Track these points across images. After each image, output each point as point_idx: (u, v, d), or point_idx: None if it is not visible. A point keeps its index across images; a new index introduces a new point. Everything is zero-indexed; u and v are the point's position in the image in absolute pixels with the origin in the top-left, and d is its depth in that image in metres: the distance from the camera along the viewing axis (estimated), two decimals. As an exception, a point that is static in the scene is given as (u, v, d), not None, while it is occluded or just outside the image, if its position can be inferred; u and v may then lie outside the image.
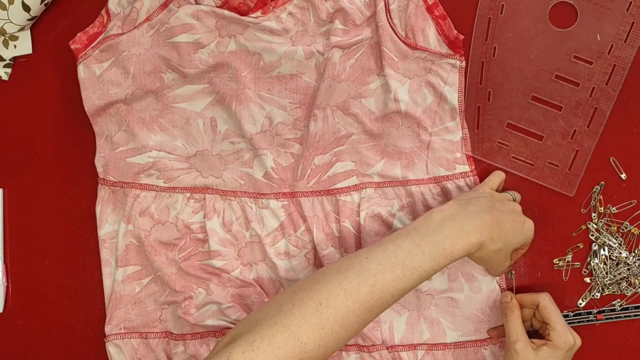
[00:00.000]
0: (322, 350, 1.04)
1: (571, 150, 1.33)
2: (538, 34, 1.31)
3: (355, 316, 1.06)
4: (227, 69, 1.33)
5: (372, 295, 1.07)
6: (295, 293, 1.07)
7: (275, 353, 1.00)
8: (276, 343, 1.00)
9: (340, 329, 1.05)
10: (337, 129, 1.34)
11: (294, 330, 1.02)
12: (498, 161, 1.34)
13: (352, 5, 1.30)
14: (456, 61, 1.32)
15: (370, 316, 1.08)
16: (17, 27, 1.37)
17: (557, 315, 1.25)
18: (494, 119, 1.34)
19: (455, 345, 1.34)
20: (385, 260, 1.09)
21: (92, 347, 1.42)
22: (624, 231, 1.34)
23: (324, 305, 1.05)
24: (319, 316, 1.04)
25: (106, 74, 1.34)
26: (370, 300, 1.07)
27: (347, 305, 1.05)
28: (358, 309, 1.06)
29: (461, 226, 1.14)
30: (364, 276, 1.07)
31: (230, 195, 1.36)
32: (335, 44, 1.30)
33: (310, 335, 1.02)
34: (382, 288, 1.07)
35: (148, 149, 1.36)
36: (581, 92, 1.31)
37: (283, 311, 1.04)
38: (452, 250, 1.11)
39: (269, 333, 1.01)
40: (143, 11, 1.32)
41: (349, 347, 1.35)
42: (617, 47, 1.30)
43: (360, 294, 1.06)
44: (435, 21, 1.31)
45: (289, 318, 1.03)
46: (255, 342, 1.00)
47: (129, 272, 1.37)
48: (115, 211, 1.38)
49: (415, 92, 1.32)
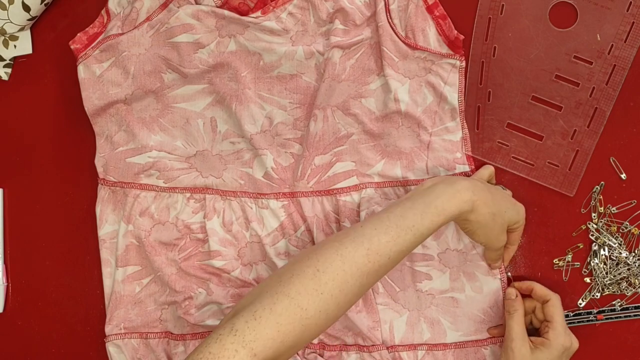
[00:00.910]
0: (323, 315, 1.05)
1: (571, 150, 1.33)
2: (538, 34, 1.31)
3: (354, 280, 1.07)
4: (227, 69, 1.33)
5: (368, 259, 1.08)
6: (293, 264, 1.09)
7: (277, 320, 1.02)
8: (277, 310, 1.02)
9: (339, 294, 1.06)
10: (337, 129, 1.34)
11: (293, 297, 1.04)
12: (498, 161, 1.34)
13: (352, 5, 1.30)
14: (456, 61, 1.32)
15: (368, 280, 1.10)
16: (17, 27, 1.37)
17: (561, 316, 1.25)
18: (494, 119, 1.34)
19: (456, 345, 1.34)
20: (379, 225, 1.11)
21: (92, 347, 1.42)
22: (624, 231, 1.34)
23: (322, 271, 1.06)
24: (317, 282, 1.05)
25: (106, 74, 1.34)
26: (367, 264, 1.08)
27: (344, 269, 1.07)
28: (356, 273, 1.07)
29: (452, 186, 1.16)
30: (359, 241, 1.09)
31: (230, 196, 1.36)
32: (335, 44, 1.30)
33: (310, 301, 1.04)
34: (377, 250, 1.09)
35: (148, 149, 1.36)
36: (581, 92, 1.31)
37: (283, 281, 1.06)
38: (444, 208, 1.13)
39: (269, 302, 1.03)
40: (143, 11, 1.32)
41: (349, 347, 1.35)
42: (617, 47, 1.30)
43: (357, 258, 1.08)
44: (435, 21, 1.31)
45: (288, 286, 1.05)
46: (257, 312, 1.02)
47: (129, 272, 1.37)
48: (115, 211, 1.38)
49: (416, 92, 1.32)
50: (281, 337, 1.02)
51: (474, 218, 1.17)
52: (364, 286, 1.09)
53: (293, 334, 1.03)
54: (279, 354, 1.03)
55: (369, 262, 1.08)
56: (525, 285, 1.31)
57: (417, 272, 1.34)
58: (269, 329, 1.01)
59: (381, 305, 1.35)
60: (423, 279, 1.34)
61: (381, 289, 1.35)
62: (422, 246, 1.34)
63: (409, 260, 1.35)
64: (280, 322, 1.02)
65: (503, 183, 1.34)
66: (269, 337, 1.01)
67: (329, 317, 1.07)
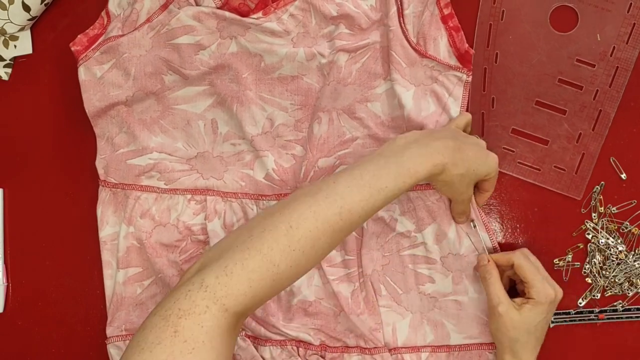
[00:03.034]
0: (294, 270, 1.07)
1: (577, 154, 1.33)
2: (539, 39, 1.31)
3: (325, 237, 1.09)
4: (228, 71, 1.32)
5: (340, 217, 1.09)
6: (265, 218, 1.10)
7: (249, 276, 1.02)
8: (249, 266, 1.03)
9: (311, 250, 1.08)
10: (342, 132, 1.34)
11: (266, 253, 1.04)
12: (504, 167, 1.34)
13: (357, 9, 1.29)
14: (463, 75, 1.31)
15: (339, 237, 1.11)
16: (17, 27, 1.36)
17: (533, 271, 1.25)
18: (499, 125, 1.33)
19: (460, 348, 1.35)
20: (353, 183, 1.12)
21: (92, 348, 1.42)
22: (624, 231, 1.34)
23: (294, 227, 1.07)
24: (290, 238, 1.06)
25: (107, 76, 1.33)
26: (339, 222, 1.09)
27: (317, 226, 1.08)
28: (328, 230, 1.09)
29: (425, 148, 1.16)
30: (332, 198, 1.10)
31: (231, 197, 1.36)
32: (340, 47, 1.30)
33: (282, 257, 1.05)
34: (350, 209, 1.10)
35: (149, 151, 1.36)
36: (585, 95, 1.31)
37: (254, 235, 1.06)
38: (416, 170, 1.14)
39: (241, 257, 1.03)
40: (143, 12, 1.32)
41: (351, 349, 1.35)
42: (619, 49, 1.29)
43: (329, 216, 1.09)
44: (448, 32, 1.31)
45: (260, 242, 1.05)
46: (228, 267, 1.02)
47: (130, 274, 1.37)
48: (116, 213, 1.38)
49: (420, 99, 1.31)
50: (253, 292, 1.02)
51: (442, 179, 1.18)
52: (334, 242, 1.11)
53: (264, 289, 1.04)
54: (249, 308, 1.04)
55: (340, 220, 1.09)
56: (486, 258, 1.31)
57: (420, 275, 1.35)
58: (241, 284, 1.02)
59: (384, 307, 1.35)
60: (426, 282, 1.35)
61: (384, 292, 1.35)
62: (425, 249, 1.34)
63: (411, 263, 1.35)
64: (252, 277, 1.02)
65: (502, 183, 1.34)
66: (241, 293, 1.01)
67: (299, 271, 1.08)
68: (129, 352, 0.97)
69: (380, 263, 1.35)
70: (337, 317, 1.36)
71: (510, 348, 1.25)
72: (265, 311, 1.36)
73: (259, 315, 1.36)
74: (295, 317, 1.36)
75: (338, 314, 1.36)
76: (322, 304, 1.36)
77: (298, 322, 1.36)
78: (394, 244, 1.35)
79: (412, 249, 1.35)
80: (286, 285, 1.08)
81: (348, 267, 1.35)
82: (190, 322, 0.97)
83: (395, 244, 1.35)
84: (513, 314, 1.24)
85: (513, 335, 1.24)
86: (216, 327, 0.98)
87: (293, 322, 1.36)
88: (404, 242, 1.35)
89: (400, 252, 1.35)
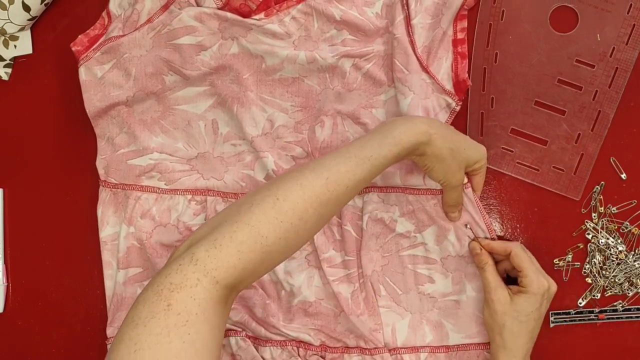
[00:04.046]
0: (283, 243, 1.07)
1: (576, 154, 1.33)
2: (539, 39, 1.31)
3: (313, 209, 1.09)
4: (229, 72, 1.33)
5: (327, 188, 1.10)
6: (253, 195, 1.11)
7: (238, 247, 1.03)
8: (238, 238, 1.04)
9: (299, 222, 1.08)
10: (346, 137, 1.34)
11: (254, 225, 1.05)
12: (503, 167, 1.34)
13: (362, 16, 1.29)
14: (453, 102, 1.31)
15: (327, 209, 1.12)
16: (17, 27, 1.36)
17: (528, 262, 1.26)
18: (498, 125, 1.33)
19: (458, 348, 1.35)
20: (339, 156, 1.14)
21: (92, 348, 1.42)
22: (624, 231, 1.34)
23: (282, 199, 1.08)
24: (277, 210, 1.07)
25: (107, 76, 1.33)
26: (326, 193, 1.10)
27: (304, 198, 1.09)
28: (315, 202, 1.09)
29: (411, 120, 1.19)
30: (318, 170, 1.12)
31: (231, 197, 1.36)
32: (344, 53, 1.30)
33: (270, 229, 1.06)
34: (336, 180, 1.11)
35: (149, 151, 1.36)
36: (584, 95, 1.31)
37: (242, 211, 1.07)
38: (401, 138, 1.15)
39: (230, 230, 1.04)
40: (144, 13, 1.32)
41: (351, 349, 1.35)
42: (618, 49, 1.29)
43: (316, 187, 1.10)
44: (454, 56, 1.31)
45: (248, 215, 1.06)
46: (217, 240, 1.03)
47: (131, 274, 1.37)
48: (117, 213, 1.38)
49: (413, 110, 1.30)
50: (242, 264, 1.03)
51: (430, 151, 1.19)
52: (323, 216, 1.12)
53: (254, 261, 1.05)
54: (240, 280, 1.04)
55: (327, 191, 1.10)
56: (484, 243, 1.31)
57: (420, 275, 1.35)
58: (230, 256, 1.03)
59: (383, 308, 1.35)
60: (425, 282, 1.35)
61: (383, 292, 1.36)
62: (425, 250, 1.35)
63: (411, 263, 1.35)
64: (241, 249, 1.03)
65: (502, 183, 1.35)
66: (231, 265, 1.02)
67: (289, 244, 1.09)
68: (124, 329, 0.97)
69: (380, 264, 1.35)
70: (337, 318, 1.36)
71: (500, 334, 1.26)
72: (266, 311, 1.36)
73: (259, 316, 1.36)
74: (296, 317, 1.36)
75: (338, 315, 1.36)
76: (322, 304, 1.36)
77: (298, 322, 1.36)
78: (393, 245, 1.35)
79: (411, 249, 1.35)
80: (277, 259, 1.09)
81: (348, 267, 1.35)
82: (183, 295, 0.98)
83: (394, 244, 1.35)
84: (505, 300, 1.25)
85: (501, 320, 1.25)
86: (209, 299, 0.99)
87: (293, 323, 1.36)
88: (404, 243, 1.35)
89: (399, 252, 1.35)
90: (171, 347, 0.94)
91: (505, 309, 1.25)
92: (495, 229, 1.36)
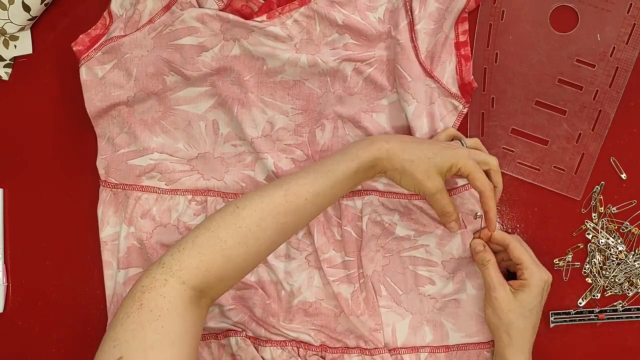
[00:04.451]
0: (243, 248, 1.15)
1: (577, 154, 1.33)
2: (539, 39, 1.31)
3: (271, 217, 1.16)
4: (230, 73, 1.32)
5: (285, 199, 1.17)
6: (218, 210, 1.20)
7: (199, 250, 1.12)
8: (198, 242, 1.13)
9: (257, 229, 1.15)
10: (347, 140, 1.34)
11: (213, 230, 1.14)
12: (504, 167, 1.34)
13: (364, 21, 1.29)
14: (460, 105, 1.32)
15: (286, 219, 1.18)
16: (17, 27, 1.36)
17: (527, 254, 1.27)
18: (498, 125, 1.34)
19: (458, 348, 1.35)
20: (301, 171, 1.22)
21: (92, 348, 1.40)
22: (624, 231, 1.34)
23: (241, 207, 1.16)
24: (236, 216, 1.15)
25: (108, 76, 1.33)
26: (284, 203, 1.17)
27: (262, 207, 1.16)
28: (273, 210, 1.17)
29: (371, 138, 1.25)
30: (278, 183, 1.20)
31: (232, 198, 1.36)
32: (346, 56, 1.30)
33: (229, 233, 1.14)
34: (295, 191, 1.18)
35: (150, 151, 1.36)
36: (585, 95, 1.31)
37: (206, 220, 1.18)
38: (357, 154, 1.21)
39: (192, 236, 1.14)
40: (145, 13, 1.32)
41: (351, 349, 1.35)
42: (619, 49, 1.30)
43: (275, 198, 1.17)
44: (458, 58, 1.31)
45: (209, 222, 1.16)
46: (181, 245, 1.14)
47: (131, 274, 1.37)
48: (117, 213, 1.38)
49: (417, 118, 1.30)
50: (205, 265, 1.12)
51: (390, 165, 1.22)
52: (283, 225, 1.18)
53: (216, 264, 1.13)
54: (208, 283, 1.13)
55: (286, 202, 1.17)
56: (484, 234, 1.31)
57: (420, 276, 1.35)
58: (192, 258, 1.12)
59: (384, 308, 1.36)
60: (426, 284, 1.35)
61: (384, 292, 1.36)
62: (426, 252, 1.35)
63: (411, 265, 1.35)
64: (202, 252, 1.12)
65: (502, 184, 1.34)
66: (194, 267, 1.11)
67: (250, 251, 1.16)
68: (106, 333, 1.08)
69: (381, 264, 1.35)
70: (337, 318, 1.36)
71: (507, 332, 1.26)
72: (266, 312, 1.36)
73: (259, 316, 1.36)
74: (296, 317, 1.36)
75: (338, 315, 1.36)
76: (322, 304, 1.36)
77: (298, 322, 1.36)
78: (394, 245, 1.35)
79: (412, 250, 1.35)
80: (241, 265, 1.16)
81: (348, 268, 1.35)
82: (153, 294, 1.08)
83: (395, 245, 1.35)
84: (509, 297, 1.25)
85: (508, 318, 1.25)
86: (178, 297, 1.09)
87: (293, 323, 1.36)
88: (405, 244, 1.35)
89: (400, 253, 1.35)
90: (146, 339, 1.04)
91: (510, 306, 1.25)
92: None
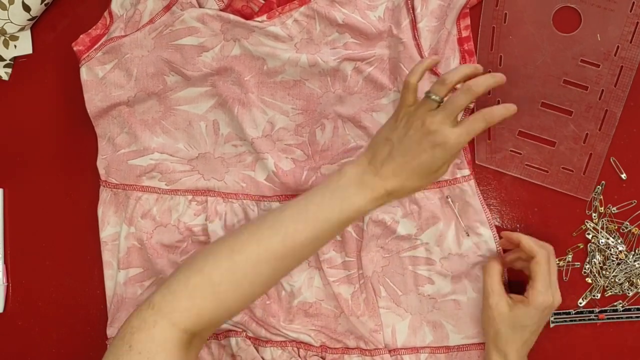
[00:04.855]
0: (237, 291, 1.13)
1: (584, 154, 1.33)
2: (543, 40, 1.31)
3: (267, 263, 1.13)
4: (230, 73, 1.32)
5: (284, 244, 1.13)
6: (211, 246, 1.17)
7: (191, 293, 1.10)
8: (190, 284, 1.10)
9: (252, 272, 1.13)
10: (347, 140, 1.34)
11: (206, 272, 1.11)
12: (512, 170, 1.34)
13: (364, 20, 1.29)
14: None
15: (283, 264, 1.15)
16: (17, 27, 1.36)
17: (544, 274, 1.23)
18: (505, 128, 1.33)
19: (458, 348, 1.35)
20: (297, 213, 1.15)
21: (92, 348, 1.42)
22: (624, 231, 1.34)
23: (236, 251, 1.13)
24: (231, 260, 1.12)
25: (109, 76, 1.33)
26: (282, 249, 1.13)
27: (259, 252, 1.13)
28: (270, 256, 1.13)
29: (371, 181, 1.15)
30: (276, 227, 1.14)
31: (232, 198, 1.36)
32: (346, 56, 1.30)
33: (223, 276, 1.11)
34: (293, 237, 1.13)
35: (150, 151, 1.36)
36: (590, 95, 1.31)
37: (198, 259, 1.14)
38: (359, 205, 1.15)
39: (184, 277, 1.11)
40: (146, 13, 1.32)
41: (351, 350, 1.35)
42: (623, 48, 1.29)
43: (272, 243, 1.13)
44: (461, 54, 1.31)
45: (202, 263, 1.12)
46: (172, 286, 1.11)
47: (131, 275, 1.37)
48: (117, 213, 1.38)
49: None
50: (196, 308, 1.10)
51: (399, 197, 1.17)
52: (279, 269, 1.15)
53: (208, 307, 1.11)
54: (199, 326, 1.11)
55: (283, 248, 1.13)
56: (514, 236, 1.29)
57: (420, 276, 1.35)
58: (184, 300, 1.09)
59: (383, 309, 1.36)
60: (425, 284, 1.35)
61: (383, 293, 1.36)
62: (425, 250, 1.34)
63: (411, 265, 1.35)
64: (194, 295, 1.10)
65: (502, 182, 1.34)
66: (185, 309, 1.09)
67: (244, 293, 1.13)
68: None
69: (380, 264, 1.35)
70: (337, 319, 1.36)
71: (494, 340, 1.25)
72: (266, 312, 1.36)
73: (259, 316, 1.36)
74: (296, 318, 1.36)
75: (338, 316, 1.36)
76: (322, 305, 1.36)
77: (298, 323, 1.37)
78: (394, 246, 1.35)
79: (412, 250, 1.35)
80: (233, 306, 1.14)
81: (348, 268, 1.35)
82: (143, 335, 1.07)
83: (395, 246, 1.35)
84: (503, 308, 1.24)
85: (497, 327, 1.24)
86: (168, 340, 1.08)
87: (293, 323, 1.36)
88: (404, 244, 1.35)
89: (400, 253, 1.35)
90: None
91: (502, 317, 1.24)
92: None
